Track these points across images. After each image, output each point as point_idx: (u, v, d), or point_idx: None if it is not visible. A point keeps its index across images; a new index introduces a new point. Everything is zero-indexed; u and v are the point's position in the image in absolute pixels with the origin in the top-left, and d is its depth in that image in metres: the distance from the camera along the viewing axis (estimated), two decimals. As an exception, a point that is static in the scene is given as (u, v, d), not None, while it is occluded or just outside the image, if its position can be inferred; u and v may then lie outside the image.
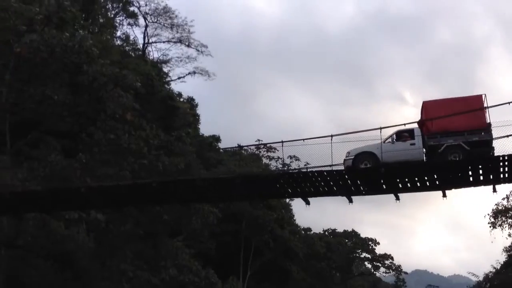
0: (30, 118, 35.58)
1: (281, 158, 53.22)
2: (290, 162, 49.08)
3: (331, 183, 18.59)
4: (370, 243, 75.98)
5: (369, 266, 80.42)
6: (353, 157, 18.15)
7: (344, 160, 18.42)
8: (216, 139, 63.27)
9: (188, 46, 64.75)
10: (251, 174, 20.24)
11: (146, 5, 61.72)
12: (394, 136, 18.41)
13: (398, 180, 17.99)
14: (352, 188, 18.75)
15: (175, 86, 65.97)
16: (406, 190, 18.63)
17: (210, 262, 44.31)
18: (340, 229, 77.87)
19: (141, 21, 63.24)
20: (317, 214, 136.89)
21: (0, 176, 24.25)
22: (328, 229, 77.83)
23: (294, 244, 55.99)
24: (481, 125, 17.03)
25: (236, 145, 35.32)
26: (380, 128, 18.07)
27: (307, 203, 19.93)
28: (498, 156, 16.54)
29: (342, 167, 17.92)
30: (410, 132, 18.25)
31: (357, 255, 76.94)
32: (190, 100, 64.68)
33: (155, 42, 65.54)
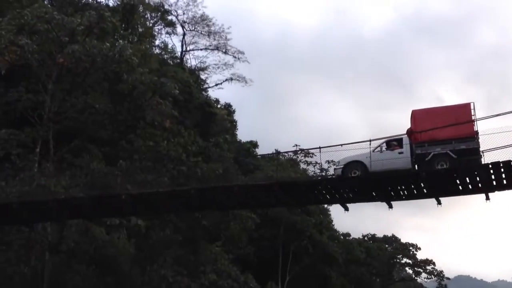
0: (73, 126, 36.58)
1: (318, 163, 53.52)
2: (328, 167, 49.02)
3: (370, 189, 18.43)
4: (411, 248, 74.67)
5: (410, 271, 79.01)
6: (342, 166, 18.38)
7: (335, 169, 18.71)
8: (254, 144, 63.50)
9: (225, 53, 65.47)
10: (288, 180, 20.10)
11: (184, 13, 62.79)
12: (384, 145, 18.51)
13: (439, 184, 17.62)
14: (392, 193, 18.50)
15: (213, 93, 66.67)
16: (447, 194, 18.27)
17: (248, 267, 44.39)
18: (379, 234, 76.97)
19: (179, 29, 64.34)
20: (356, 219, 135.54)
21: (44, 184, 24.96)
22: (368, 234, 77.01)
23: (333, 250, 55.48)
24: (469, 134, 17.07)
25: (274, 151, 35.45)
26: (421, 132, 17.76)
27: (346, 209, 19.74)
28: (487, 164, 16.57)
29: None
30: (399, 141, 18.38)
31: (398, 260, 75.72)
32: (228, 106, 65.20)
33: (193, 49, 66.50)
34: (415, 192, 18.30)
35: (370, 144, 18.15)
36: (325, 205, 60.48)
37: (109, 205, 20.55)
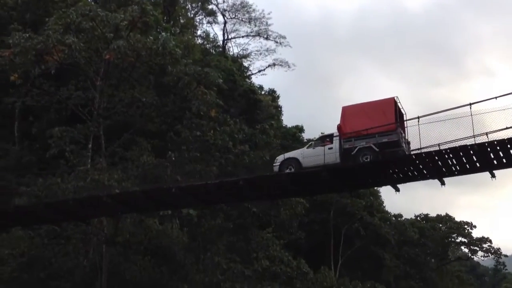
0: (122, 121, 37.40)
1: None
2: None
3: (421, 166, 18.03)
4: (465, 226, 72.91)
5: (466, 250, 77.34)
6: (279, 163, 19.35)
7: (273, 166, 19.65)
8: (300, 129, 63.21)
9: (267, 38, 65.37)
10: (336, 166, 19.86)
11: (224, 1, 62.93)
12: (319, 141, 19.61)
13: (492, 155, 17.06)
14: (444, 169, 18.02)
15: (256, 80, 66.78)
16: (501, 166, 17.65)
17: (300, 252, 44.53)
18: (432, 214, 75.56)
19: (220, 18, 64.60)
20: (407, 200, 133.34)
21: (98, 178, 25.65)
22: (420, 214, 75.74)
23: (385, 231, 54.91)
24: (390, 127, 17.69)
25: (320, 135, 35.14)
26: (470, 104, 17.22)
27: (397, 189, 19.40)
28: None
29: (431, 149, 17.20)
30: (330, 136, 19.12)
31: (453, 239, 74.18)
32: (272, 92, 65.13)
33: (234, 37, 66.69)
34: (468, 166, 17.79)
35: (418, 121, 17.66)
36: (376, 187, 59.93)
37: (160, 199, 20.89)
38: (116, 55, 29.49)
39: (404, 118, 18.94)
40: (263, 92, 62.79)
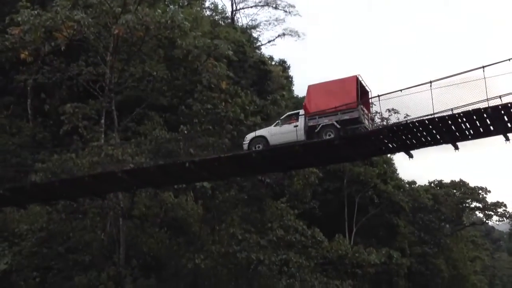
0: (133, 95, 37.55)
1: (379, 113, 52.64)
2: (389, 115, 48.18)
3: (434, 132, 17.94)
4: (480, 192, 72.60)
5: (481, 215, 77.22)
6: (248, 141, 19.96)
7: (243, 144, 20.30)
8: (311, 99, 62.94)
9: (276, 8, 64.58)
10: (349, 133, 19.82)
11: (231, -29, 62.10)
12: (286, 119, 20.01)
13: (506, 118, 16.88)
14: (457, 133, 17.93)
15: (266, 50, 66.48)
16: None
17: (314, 221, 44.83)
18: (446, 180, 75.37)
19: (228, -12, 63.77)
20: (421, 167, 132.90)
21: (112, 153, 25.90)
22: (434, 180, 75.57)
23: (399, 198, 54.94)
24: (351, 105, 18.15)
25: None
26: (483, 67, 16.99)
27: (410, 156, 19.36)
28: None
29: (445, 114, 17.07)
30: (296, 114, 19.70)
31: (467, 205, 73.93)
32: (282, 62, 64.71)
33: (243, 8, 65.96)
34: (481, 130, 17.66)
35: (431, 85, 17.44)
36: (389, 154, 59.77)
37: (175, 173, 21.06)
38: (125, 29, 29.38)
39: (369, 96, 19.43)
40: (273, 63, 62.44)
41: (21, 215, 29.27)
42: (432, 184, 74.64)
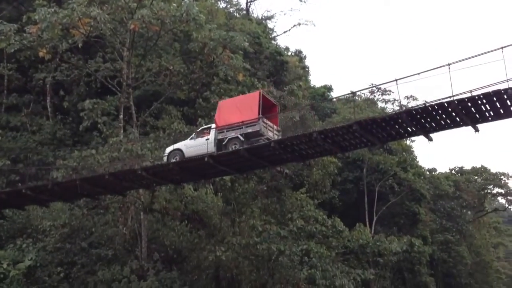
0: (151, 90, 37.76)
1: (397, 100, 52.16)
2: (408, 102, 47.75)
3: (453, 114, 17.73)
4: (502, 177, 71.84)
5: (503, 201, 76.60)
6: (167, 154, 21.51)
7: (163, 156, 21.99)
8: (328, 88, 62.76)
9: (291, -3, 64.09)
10: (367, 118, 19.72)
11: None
12: (200, 132, 21.67)
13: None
14: (477, 115, 17.70)
15: (282, 41, 66.23)
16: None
17: (334, 211, 44.79)
18: (467, 167, 74.70)
19: (242, -21, 63.49)
20: (441, 154, 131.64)
21: (131, 148, 26.09)
22: (455, 167, 74.98)
23: (420, 186, 54.56)
24: (253, 119, 19.54)
25: (349, 92, 34.75)
26: (502, 48, 16.78)
27: (430, 139, 19.21)
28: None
29: (464, 96, 16.94)
30: (209, 128, 21.27)
31: (489, 191, 73.30)
32: (298, 53, 64.46)
33: (258, -1, 65.60)
34: (502, 111, 17.39)
35: (449, 68, 17.20)
36: (408, 142, 59.32)
37: (194, 169, 21.13)
38: (140, 24, 29.47)
39: (277, 109, 21.88)
40: (289, 53, 62.23)
41: (44, 212, 29.71)
42: (453, 171, 74.20)
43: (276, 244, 29.74)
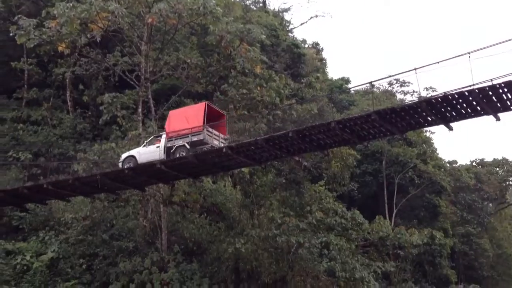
0: (168, 83, 37.88)
1: (416, 92, 51.66)
2: (427, 94, 47.25)
3: (474, 103, 17.49)
4: (524, 168, 70.79)
5: (525, 193, 75.38)
6: (122, 160, 22.60)
7: (118, 162, 23.18)
8: (346, 80, 62.41)
9: (307, -12, 63.78)
10: (386, 107, 19.55)
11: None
12: (153, 140, 22.70)
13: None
14: (498, 104, 17.44)
15: (299, 33, 65.99)
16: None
17: (354, 203, 44.57)
18: (488, 158, 73.75)
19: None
20: (461, 146, 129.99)
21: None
22: (475, 159, 74.09)
23: (440, 178, 54.02)
24: (198, 129, 20.75)
25: (367, 82, 34.46)
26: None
27: (450, 128, 18.99)
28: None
29: (485, 84, 16.68)
30: (160, 136, 22.30)
31: (510, 183, 72.35)
32: (315, 45, 64.17)
33: (274, -9, 65.47)
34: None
35: (469, 56, 16.93)
36: (428, 134, 58.77)
37: (212, 161, 21.21)
38: (158, 18, 29.56)
39: (225, 118, 23.36)
40: (306, 46, 61.96)
41: (66, 205, 30.10)
42: (474, 163, 73.25)
43: (295, 236, 29.71)
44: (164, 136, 21.90)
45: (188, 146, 20.79)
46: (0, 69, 41.07)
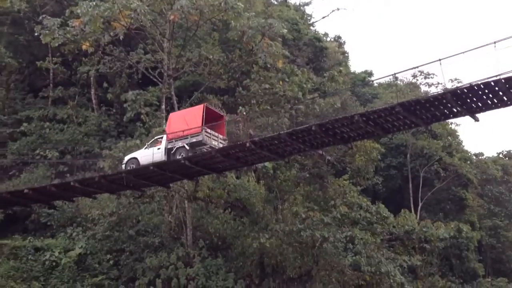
0: (191, 80, 38.06)
1: (441, 83, 50.89)
2: (452, 85, 46.54)
3: (500, 93, 17.19)
4: (555, 159, 69.19)
5: (555, 184, 73.64)
6: (125, 162, 23.34)
7: (121, 164, 23.88)
8: (369, 73, 61.87)
9: (329, -19, 63.32)
10: (410, 99, 19.31)
11: None
12: (154, 142, 23.29)
13: None
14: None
15: (320, 27, 65.61)
16: None
17: (378, 197, 44.20)
18: (516, 150, 72.29)
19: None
20: (488, 138, 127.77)
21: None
22: (502, 151, 72.74)
23: (466, 171, 53.21)
24: (196, 130, 21.33)
25: (391, 74, 34.06)
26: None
27: (476, 119, 18.69)
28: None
29: (510, 74, 16.39)
30: (161, 138, 22.93)
31: (539, 175, 70.80)
32: (337, 38, 63.76)
33: (295, -15, 65.15)
34: None
35: (495, 46, 16.61)
36: (453, 126, 57.92)
37: (236, 156, 21.27)
38: (180, 15, 29.69)
39: (224, 118, 23.94)
40: (328, 39, 61.60)
41: (92, 201, 30.53)
42: (501, 155, 71.91)
43: (319, 231, 29.61)
44: (165, 138, 22.53)
45: (187, 147, 21.42)
46: (26, 69, 41.85)
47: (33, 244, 29.27)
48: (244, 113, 31.54)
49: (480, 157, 66.99)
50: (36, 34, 31.02)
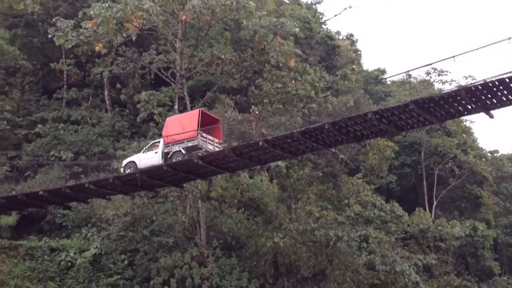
0: (203, 80, 38.12)
1: (454, 80, 50.47)
2: (466, 82, 46.13)
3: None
4: None
5: None
6: (124, 166, 23.72)
7: (120, 168, 24.44)
8: (382, 71, 61.54)
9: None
10: (424, 96, 19.12)
11: None
12: (151, 146, 23.69)
13: None
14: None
15: (332, 25, 65.39)
16: None
17: (392, 196, 43.99)
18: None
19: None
20: (503, 135, 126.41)
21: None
22: (517, 148, 72.02)
23: (482, 168, 52.70)
24: (192, 135, 21.76)
25: (404, 72, 33.87)
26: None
27: (491, 116, 18.49)
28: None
29: None
30: (159, 142, 23.31)
31: (555, 172, 69.88)
32: (350, 36, 63.50)
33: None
34: None
35: (510, 42, 16.38)
36: (468, 123, 57.42)
37: (249, 155, 21.25)
38: (192, 15, 29.74)
39: (220, 123, 24.19)
40: (340, 37, 61.37)
41: (107, 202, 30.68)
42: (516, 152, 71.05)
43: (333, 230, 29.49)
44: (162, 142, 22.91)
45: (183, 151, 21.80)
46: (41, 71, 42.23)
47: (48, 244, 29.54)
48: (257, 112, 31.52)
49: (495, 154, 66.28)
50: (49, 36, 31.27)
